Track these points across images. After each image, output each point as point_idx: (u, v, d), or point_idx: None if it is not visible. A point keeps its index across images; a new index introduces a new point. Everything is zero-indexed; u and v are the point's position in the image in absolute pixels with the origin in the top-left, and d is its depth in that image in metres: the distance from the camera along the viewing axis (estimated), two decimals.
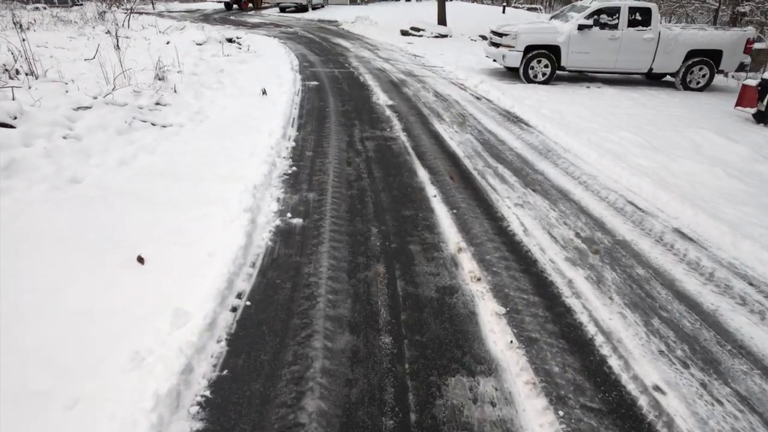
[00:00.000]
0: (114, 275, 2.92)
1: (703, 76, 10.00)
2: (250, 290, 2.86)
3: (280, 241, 3.43)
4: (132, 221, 3.60)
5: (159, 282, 2.86)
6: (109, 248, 3.22)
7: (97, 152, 5.03)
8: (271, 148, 5.11)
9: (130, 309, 2.61)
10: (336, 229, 3.62)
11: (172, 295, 2.73)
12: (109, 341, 2.36)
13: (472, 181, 4.68)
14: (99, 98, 6.04)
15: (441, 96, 8.46)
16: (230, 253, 3.04)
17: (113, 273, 2.94)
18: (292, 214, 3.84)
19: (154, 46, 12.02)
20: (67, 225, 3.47)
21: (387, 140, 5.87)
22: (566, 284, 3.04)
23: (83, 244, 3.23)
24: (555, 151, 5.71)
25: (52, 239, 3.24)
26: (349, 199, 4.17)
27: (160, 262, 3.09)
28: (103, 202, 3.90)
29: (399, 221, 3.79)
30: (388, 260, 3.23)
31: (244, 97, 7.85)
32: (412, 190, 4.39)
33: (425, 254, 3.32)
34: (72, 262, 3.01)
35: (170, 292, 2.76)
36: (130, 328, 2.46)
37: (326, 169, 4.84)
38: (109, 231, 3.45)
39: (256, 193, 3.98)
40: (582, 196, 4.42)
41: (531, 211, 4.05)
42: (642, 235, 3.73)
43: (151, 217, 3.68)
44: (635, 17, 9.64)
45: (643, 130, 6.72)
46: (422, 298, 2.84)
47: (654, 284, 3.07)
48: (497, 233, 3.66)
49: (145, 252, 3.18)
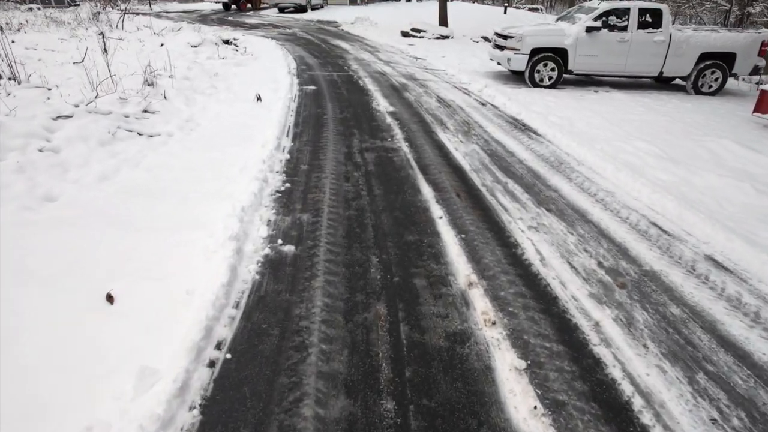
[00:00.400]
0: (77, 319, 2.55)
1: (715, 80, 9.62)
2: (232, 338, 2.49)
3: (269, 274, 3.05)
4: (105, 249, 3.23)
5: (127, 328, 2.50)
6: (75, 284, 2.85)
7: (75, 166, 4.66)
8: (263, 162, 4.74)
9: (90, 365, 2.24)
10: (332, 259, 3.25)
11: (140, 346, 2.36)
12: (58, 410, 1.99)
13: (480, 199, 4.31)
14: (81, 106, 5.67)
15: (444, 101, 8.08)
16: (210, 293, 2.67)
17: (76, 316, 2.57)
18: (284, 240, 3.47)
19: (147, 48, 11.66)
20: (32, 255, 3.10)
21: (388, 151, 5.50)
22: (593, 328, 2.67)
23: (46, 279, 2.86)
24: (568, 164, 5.33)
25: (10, 273, 2.87)
26: (346, 221, 3.80)
27: (131, 301, 2.72)
28: (77, 225, 3.53)
29: (402, 248, 3.42)
30: (390, 298, 2.86)
31: (238, 103, 7.48)
32: (415, 210, 4.02)
33: (432, 290, 2.95)
34: (30, 303, 2.64)
35: (139, 342, 2.39)
36: (86, 391, 2.09)
37: (322, 185, 4.47)
38: (79, 261, 3.08)
39: (244, 216, 3.61)
40: (601, 217, 4.04)
41: (547, 236, 3.68)
42: (671, 264, 3.36)
43: (127, 243, 3.31)
44: (645, 19, 9.26)
45: (658, 139, 6.35)
46: (429, 348, 2.47)
47: (693, 327, 2.70)
48: (511, 263, 3.28)
49: (116, 288, 2.81)
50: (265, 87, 8.45)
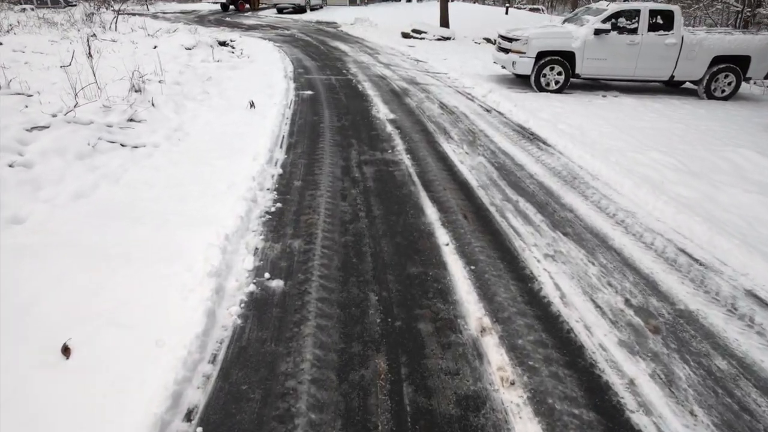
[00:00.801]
0: (23, 380, 2.17)
1: (728, 84, 9.25)
2: (206, 404, 2.11)
3: (253, 318, 2.68)
4: (69, 285, 2.85)
5: (82, 391, 2.12)
6: (28, 330, 2.47)
7: (49, 183, 4.29)
8: (253, 179, 4.36)
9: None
10: (325, 297, 2.87)
11: (94, 419, 1.98)
12: None
13: (490, 221, 3.93)
14: (59, 116, 5.29)
15: (447, 108, 7.70)
16: (183, 348, 2.29)
17: (23, 375, 2.19)
18: (272, 273, 3.09)
19: (140, 50, 11.27)
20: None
21: (389, 165, 5.12)
22: (627, 388, 2.29)
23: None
24: (581, 178, 4.96)
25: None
26: (342, 249, 3.42)
27: (91, 353, 2.34)
28: (40, 255, 3.15)
29: (404, 284, 3.04)
30: (391, 348, 2.48)
31: (230, 110, 7.10)
32: (419, 236, 3.64)
33: (439, 338, 2.57)
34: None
35: (93, 412, 2.01)
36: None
37: (317, 205, 4.09)
38: (38, 301, 2.70)
39: (228, 246, 3.23)
40: (623, 243, 3.66)
41: (565, 266, 3.30)
42: (708, 301, 2.98)
43: (95, 278, 2.93)
44: (656, 21, 8.89)
45: (675, 150, 5.97)
46: (438, 417, 2.09)
47: (745, 387, 2.33)
48: (528, 302, 2.90)
49: (75, 336, 2.43)
50: (259, 92, 8.07)
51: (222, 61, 11.17)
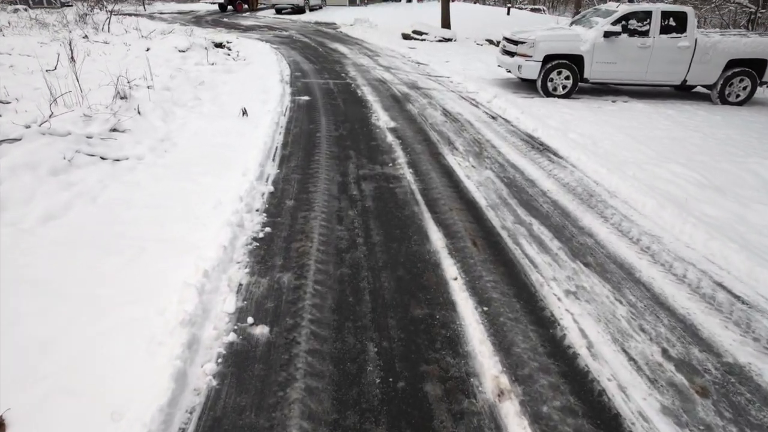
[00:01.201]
0: None
1: (743, 89, 8.86)
2: None
3: (231, 378, 2.28)
4: (19, 336, 2.46)
5: None
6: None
7: (16, 203, 3.91)
8: (241, 200, 3.97)
9: None
10: (316, 349, 2.48)
11: None
12: None
13: (502, 249, 3.53)
14: (33, 126, 4.89)
15: (450, 115, 7.31)
16: (142, 426, 1.90)
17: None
18: (256, 317, 2.70)
19: (132, 53, 10.86)
20: None
21: (389, 180, 4.72)
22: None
23: None
24: (599, 196, 4.56)
25: None
26: (337, 285, 3.03)
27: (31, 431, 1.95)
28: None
29: (407, 330, 2.65)
30: (393, 420, 2.09)
31: (222, 117, 6.71)
32: (423, 268, 3.25)
33: (450, 404, 2.18)
34: None
35: None
36: None
37: (310, 230, 3.70)
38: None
39: (207, 284, 2.83)
40: (652, 276, 3.27)
41: (590, 306, 2.91)
42: (760, 352, 2.59)
43: (51, 326, 2.54)
44: (668, 23, 8.49)
45: (694, 162, 5.58)
46: None
47: None
48: (551, 353, 2.51)
49: (17, 406, 2.04)
50: (254, 98, 7.68)
51: (217, 64, 10.77)
